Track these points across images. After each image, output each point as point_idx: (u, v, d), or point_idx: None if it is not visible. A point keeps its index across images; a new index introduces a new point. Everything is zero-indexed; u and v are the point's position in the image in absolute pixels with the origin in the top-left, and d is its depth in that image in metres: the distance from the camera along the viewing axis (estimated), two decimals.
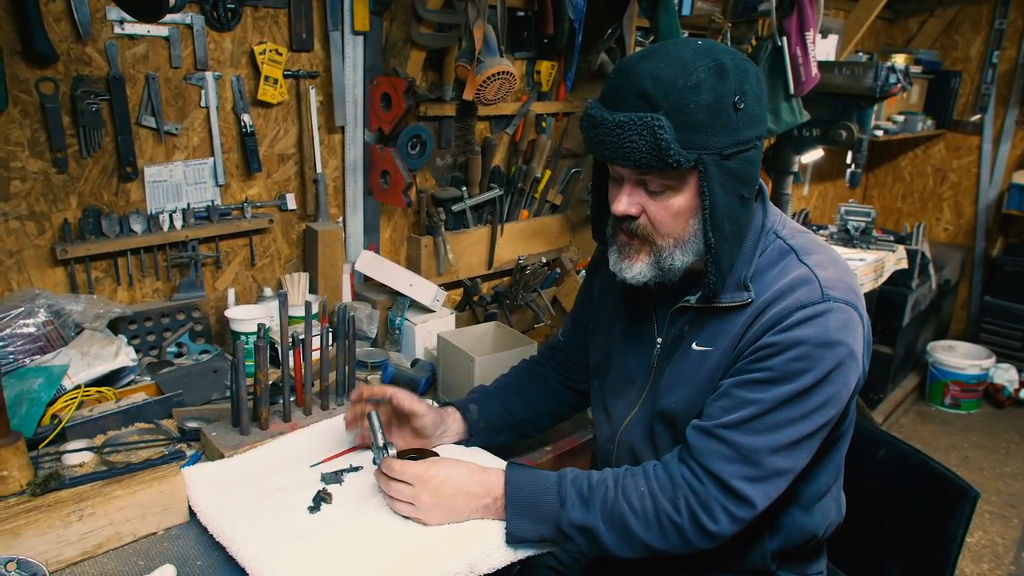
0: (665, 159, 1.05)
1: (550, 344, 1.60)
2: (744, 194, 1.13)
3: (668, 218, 1.14)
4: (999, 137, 4.53)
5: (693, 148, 1.06)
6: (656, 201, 1.14)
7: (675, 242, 1.16)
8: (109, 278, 1.80)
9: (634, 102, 1.06)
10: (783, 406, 1.11)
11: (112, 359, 1.58)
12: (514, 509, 1.17)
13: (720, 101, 1.06)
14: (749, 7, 2.77)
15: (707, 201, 1.10)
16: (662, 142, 1.04)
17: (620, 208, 1.15)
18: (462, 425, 1.43)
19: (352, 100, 2.08)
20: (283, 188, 2.05)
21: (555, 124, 2.65)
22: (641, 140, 1.05)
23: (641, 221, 1.16)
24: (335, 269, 2.11)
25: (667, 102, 1.04)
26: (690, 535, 1.13)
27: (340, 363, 1.55)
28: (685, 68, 1.05)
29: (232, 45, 1.85)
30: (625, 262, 1.20)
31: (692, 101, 1.04)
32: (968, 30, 4.54)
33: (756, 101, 1.11)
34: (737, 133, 1.08)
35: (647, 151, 1.05)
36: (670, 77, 1.05)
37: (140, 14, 1.43)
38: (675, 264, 1.17)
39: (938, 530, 1.46)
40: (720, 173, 1.09)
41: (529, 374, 1.56)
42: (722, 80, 1.06)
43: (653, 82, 1.05)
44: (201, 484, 1.25)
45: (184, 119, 1.83)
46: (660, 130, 1.03)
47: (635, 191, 1.14)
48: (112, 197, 1.77)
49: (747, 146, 1.11)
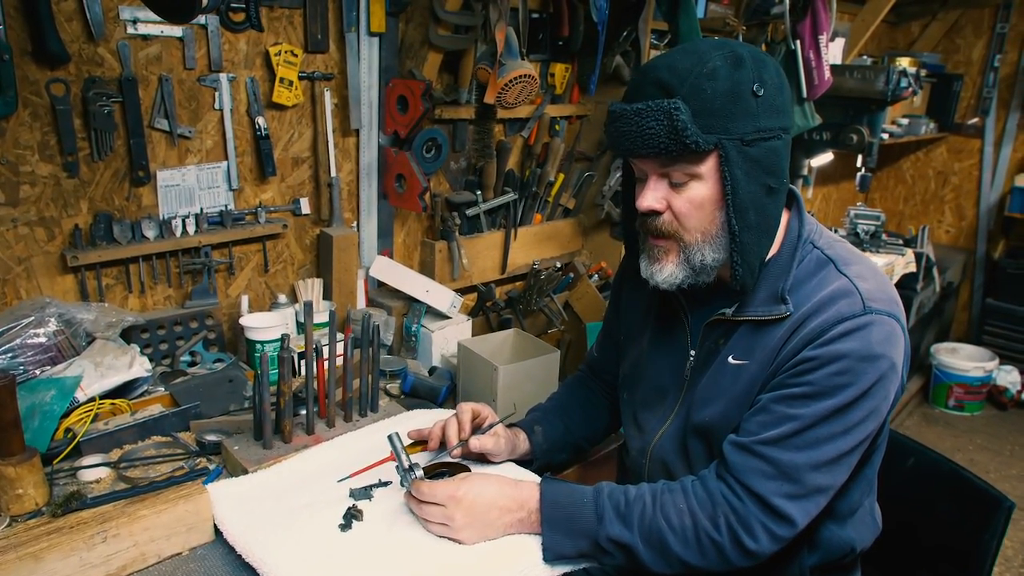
0: (683, 141, 1.04)
1: (587, 361, 1.59)
2: (771, 184, 1.11)
3: (693, 210, 1.11)
4: (1000, 140, 4.54)
5: (712, 132, 1.05)
6: (679, 193, 1.12)
7: (702, 236, 1.13)
8: (120, 285, 1.75)
9: (651, 92, 1.07)
10: (824, 421, 1.09)
11: (126, 369, 1.54)
12: (550, 524, 1.15)
13: (737, 88, 1.05)
14: (762, 10, 2.75)
15: (728, 187, 1.08)
16: (679, 124, 1.03)
17: (645, 203, 1.13)
18: (528, 448, 1.42)
19: (367, 103, 2.03)
20: (297, 192, 2.01)
21: (568, 127, 2.62)
22: (659, 125, 1.05)
23: (666, 217, 1.14)
24: (350, 275, 2.07)
25: (683, 88, 1.05)
26: (729, 553, 1.11)
27: (363, 373, 1.51)
28: (700, 57, 1.06)
29: (247, 46, 1.80)
30: (655, 266, 1.18)
31: (708, 87, 1.04)
32: (970, 34, 4.55)
33: (777, 91, 1.09)
34: (758, 120, 1.07)
35: (665, 136, 1.05)
36: (685, 65, 1.06)
37: (171, 14, 1.38)
38: (706, 261, 1.14)
39: (972, 541, 1.43)
40: (742, 159, 1.07)
41: (582, 390, 1.56)
42: (738, 68, 1.05)
43: (668, 71, 1.06)
44: (227, 501, 1.21)
45: (198, 122, 1.78)
46: (676, 112, 1.03)
47: (658, 185, 1.13)
48: (124, 202, 1.72)
49: (770, 134, 1.09)
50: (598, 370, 1.56)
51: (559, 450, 1.46)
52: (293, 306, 1.96)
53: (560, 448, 1.47)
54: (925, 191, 4.90)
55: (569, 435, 1.48)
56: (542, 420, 1.47)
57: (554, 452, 1.45)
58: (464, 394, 1.83)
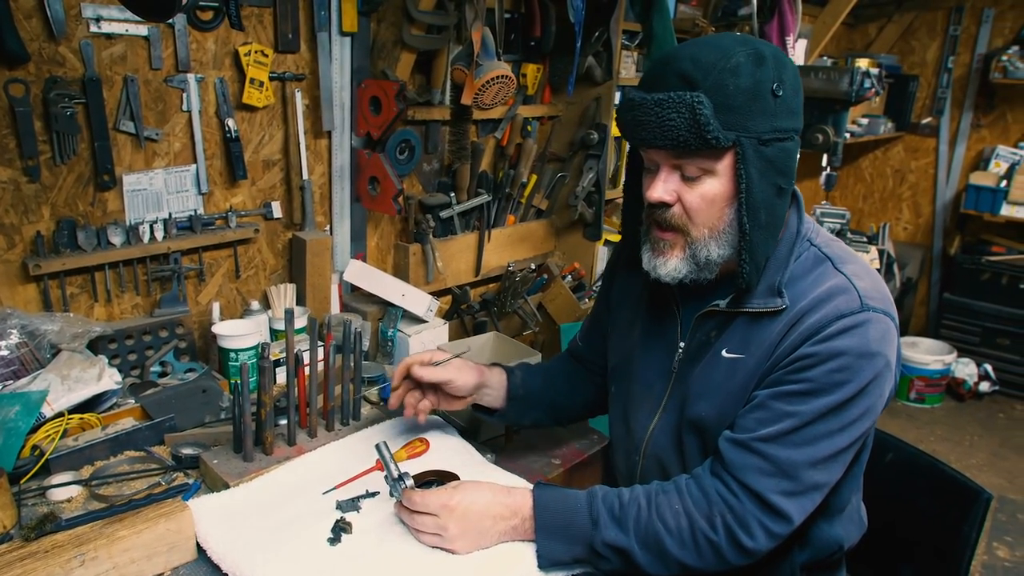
0: (704, 136, 1.03)
1: (570, 349, 1.57)
2: (782, 185, 1.11)
3: (704, 205, 1.11)
4: (955, 139, 4.67)
5: (732, 129, 1.05)
6: (691, 188, 1.11)
7: (710, 232, 1.12)
8: (85, 294, 1.68)
9: (673, 82, 1.05)
10: (822, 418, 1.09)
11: (95, 382, 1.47)
12: (545, 530, 1.13)
13: (758, 86, 1.04)
14: (729, 11, 2.77)
15: (743, 185, 1.07)
16: (701, 118, 1.02)
17: (655, 195, 1.11)
18: (504, 386, 1.40)
19: (339, 104, 1.99)
20: (268, 196, 1.95)
21: (540, 128, 2.61)
22: (680, 117, 1.03)
23: (675, 210, 1.12)
24: (323, 280, 2.02)
25: (706, 82, 1.03)
26: (726, 552, 1.10)
27: (345, 381, 1.47)
28: (724, 52, 1.05)
29: (215, 46, 1.75)
30: (660, 259, 1.16)
31: (731, 83, 1.03)
32: (924, 36, 4.67)
33: (794, 94, 1.10)
34: (775, 120, 1.07)
35: (685, 128, 1.03)
36: (709, 59, 1.04)
37: (149, 13, 1.32)
38: (711, 256, 1.13)
39: (952, 533, 1.46)
40: (758, 158, 1.07)
41: (569, 364, 1.55)
42: (760, 66, 1.05)
43: (692, 63, 1.04)
44: (209, 518, 1.16)
45: (165, 124, 1.72)
46: (699, 106, 1.02)
47: (670, 177, 1.11)
48: (88, 207, 1.65)
49: (785, 135, 1.09)
50: (581, 359, 1.53)
51: (534, 405, 1.44)
52: (266, 312, 1.90)
53: (535, 403, 1.44)
54: (883, 189, 5.03)
55: (549, 392, 1.46)
56: (523, 369, 1.46)
57: (527, 405, 1.43)
58: None
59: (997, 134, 4.57)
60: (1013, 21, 4.39)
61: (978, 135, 4.62)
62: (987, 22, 4.44)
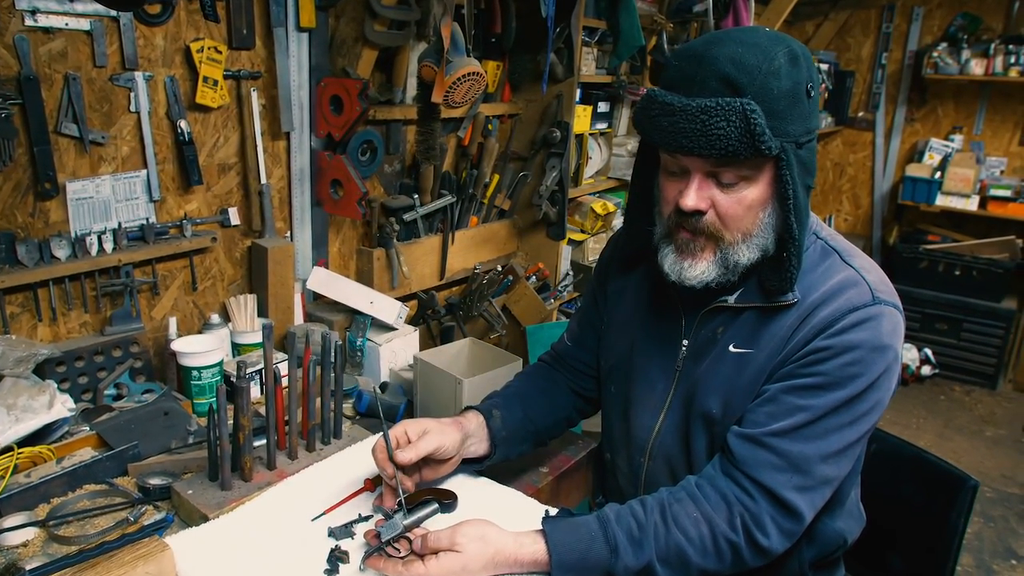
0: (757, 145, 0.98)
1: (556, 350, 1.49)
2: (809, 184, 1.09)
3: (740, 211, 1.06)
4: (890, 132, 4.84)
5: (777, 136, 1.00)
6: (728, 194, 1.06)
7: (743, 237, 1.08)
8: (27, 313, 1.54)
9: (716, 87, 0.99)
10: (834, 412, 1.07)
11: (46, 411, 1.34)
12: (561, 568, 1.05)
13: (796, 88, 1.01)
14: (684, 8, 2.78)
15: (790, 190, 1.04)
16: (756, 127, 0.96)
17: (690, 203, 1.06)
18: (484, 427, 1.28)
19: (298, 103, 1.89)
20: (225, 202, 1.83)
21: (500, 126, 2.55)
22: (731, 126, 0.97)
23: (708, 217, 1.08)
24: (286, 289, 1.91)
25: (753, 87, 0.98)
26: (745, 553, 1.08)
27: (324, 397, 1.38)
28: (765, 53, 0.99)
29: (164, 41, 1.62)
30: (687, 261, 1.11)
31: (775, 86, 0.99)
32: (859, 33, 4.82)
33: (818, 91, 1.08)
34: (808, 121, 1.04)
35: (737, 138, 0.97)
36: (752, 62, 0.98)
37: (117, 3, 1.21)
38: (740, 260, 1.09)
39: (939, 521, 1.47)
40: (796, 162, 1.04)
41: (544, 379, 1.45)
42: (796, 67, 1.01)
43: (735, 66, 0.98)
44: (189, 556, 1.06)
45: (111, 126, 1.59)
46: (753, 115, 0.96)
47: (705, 184, 1.06)
48: (28, 219, 1.51)
49: (812, 136, 1.07)
50: (568, 360, 1.45)
51: (519, 441, 1.34)
52: (227, 326, 1.79)
53: (520, 439, 1.34)
54: (824, 182, 5.16)
55: (530, 423, 1.35)
56: (501, 406, 1.33)
57: (513, 442, 1.33)
58: (423, 409, 1.73)
59: (929, 127, 4.75)
60: (941, 19, 4.57)
61: (912, 128, 4.80)
62: (917, 20, 4.61)
